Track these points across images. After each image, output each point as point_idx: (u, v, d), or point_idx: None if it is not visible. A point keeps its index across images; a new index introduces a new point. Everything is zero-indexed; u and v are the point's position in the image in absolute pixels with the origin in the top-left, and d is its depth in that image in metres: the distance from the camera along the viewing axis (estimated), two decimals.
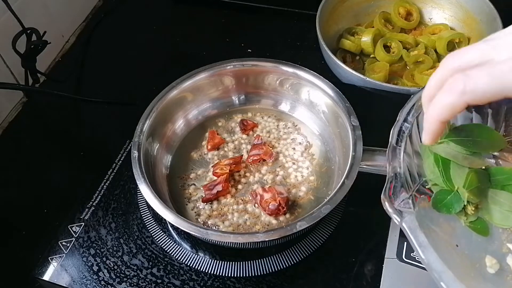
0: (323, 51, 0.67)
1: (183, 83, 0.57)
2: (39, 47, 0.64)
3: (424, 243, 0.34)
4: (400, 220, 0.36)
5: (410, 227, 0.35)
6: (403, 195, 0.37)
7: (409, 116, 0.42)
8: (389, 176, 0.38)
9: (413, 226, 0.35)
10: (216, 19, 0.81)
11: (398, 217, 0.36)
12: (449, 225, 0.40)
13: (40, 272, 0.50)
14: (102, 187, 0.56)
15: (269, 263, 0.49)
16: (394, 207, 0.36)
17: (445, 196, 0.39)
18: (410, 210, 0.36)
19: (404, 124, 0.41)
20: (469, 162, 0.40)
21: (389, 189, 0.37)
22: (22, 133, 0.68)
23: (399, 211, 0.36)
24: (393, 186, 0.37)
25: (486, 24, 0.69)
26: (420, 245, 0.34)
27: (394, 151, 0.40)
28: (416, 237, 0.34)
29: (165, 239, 0.52)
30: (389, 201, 0.36)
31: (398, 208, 0.36)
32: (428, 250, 0.34)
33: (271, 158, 0.56)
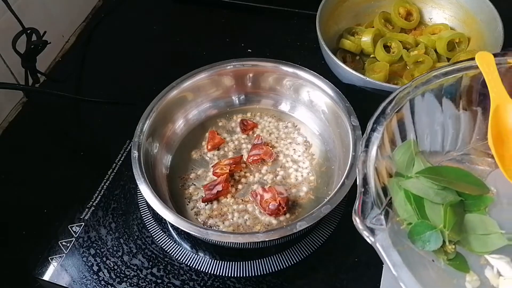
0: (323, 51, 0.67)
1: (183, 83, 0.57)
2: (39, 47, 0.64)
3: (397, 262, 0.33)
4: (373, 240, 0.34)
5: (383, 246, 0.33)
6: (374, 211, 0.35)
7: (378, 125, 0.40)
8: (358, 192, 0.36)
9: (386, 245, 0.33)
10: (216, 19, 0.81)
11: (370, 236, 0.34)
12: None
13: (40, 272, 0.50)
14: (102, 187, 0.56)
15: (269, 263, 0.49)
16: (365, 225, 0.34)
17: (424, 230, 0.37)
18: (382, 227, 0.34)
19: (373, 134, 0.39)
20: (442, 198, 0.38)
21: (359, 205, 0.35)
22: (22, 133, 0.68)
23: (370, 229, 0.34)
24: (363, 202, 0.35)
25: (486, 24, 0.69)
26: (394, 265, 0.33)
27: (362, 163, 0.38)
28: (389, 256, 0.33)
29: (165, 239, 0.52)
30: (360, 218, 0.35)
31: (370, 226, 0.34)
32: (402, 269, 0.32)
33: (271, 158, 0.56)
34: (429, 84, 0.42)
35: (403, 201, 0.37)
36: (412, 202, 0.37)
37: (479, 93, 0.43)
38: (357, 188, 0.36)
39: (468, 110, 0.44)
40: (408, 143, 0.41)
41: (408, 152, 0.40)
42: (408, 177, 0.38)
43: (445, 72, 0.43)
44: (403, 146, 0.41)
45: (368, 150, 0.38)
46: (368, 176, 0.37)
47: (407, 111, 0.42)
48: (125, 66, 0.75)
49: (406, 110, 0.42)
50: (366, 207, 0.35)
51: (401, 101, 0.41)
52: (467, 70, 0.43)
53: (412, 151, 0.41)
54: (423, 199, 0.37)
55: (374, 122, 0.40)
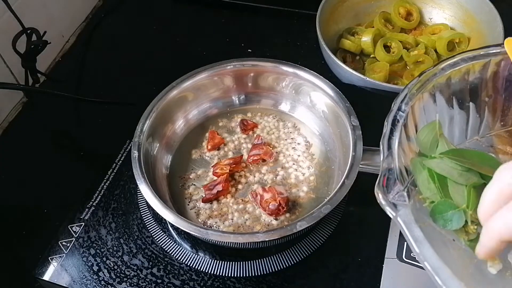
0: (323, 51, 0.67)
1: (183, 83, 0.57)
2: (39, 47, 0.64)
3: (419, 237, 0.32)
4: (394, 214, 0.34)
5: (405, 221, 0.33)
6: (397, 187, 0.35)
7: (403, 104, 0.39)
8: (382, 168, 0.36)
9: (408, 220, 0.33)
10: (216, 19, 0.81)
11: (392, 211, 0.34)
12: None
13: (40, 272, 0.50)
14: (102, 187, 0.56)
15: (269, 263, 0.49)
16: (388, 200, 0.34)
17: (446, 209, 0.36)
18: (405, 203, 0.34)
19: (398, 113, 0.39)
20: (465, 179, 0.37)
21: (383, 181, 0.35)
22: (22, 133, 0.68)
23: (393, 204, 0.34)
24: (386, 178, 0.35)
25: (486, 24, 0.69)
26: (416, 240, 0.32)
27: (389, 142, 0.38)
28: (412, 231, 0.32)
29: (165, 239, 0.52)
30: (383, 193, 0.34)
31: (392, 201, 0.34)
32: (424, 245, 0.32)
33: (271, 158, 0.56)
34: (456, 67, 0.42)
35: (426, 179, 0.37)
36: (436, 181, 0.37)
37: (506, 80, 0.43)
38: (381, 164, 0.36)
39: (492, 97, 0.43)
40: (432, 124, 0.40)
41: (433, 133, 0.40)
42: (432, 157, 0.38)
43: (473, 56, 0.42)
44: (428, 127, 0.41)
45: (394, 128, 0.38)
46: (393, 153, 0.37)
47: (431, 93, 0.41)
48: (125, 66, 0.75)
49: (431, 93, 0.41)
50: (389, 183, 0.35)
51: (427, 83, 0.41)
52: (495, 56, 0.42)
53: (436, 132, 0.40)
54: (446, 178, 0.37)
55: (401, 101, 0.39)
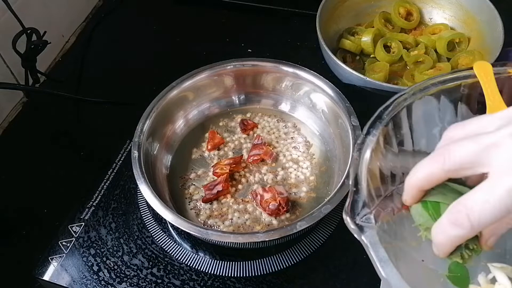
0: (323, 51, 0.67)
1: (183, 83, 0.57)
2: (39, 47, 0.64)
3: (384, 258, 0.34)
4: (361, 236, 0.35)
5: (370, 242, 0.35)
6: (364, 210, 0.36)
7: (373, 129, 0.41)
8: (350, 192, 0.37)
9: (373, 241, 0.35)
10: (216, 19, 0.81)
11: (358, 233, 0.35)
12: (414, 240, 0.39)
13: (40, 272, 0.50)
14: (102, 187, 0.56)
15: (269, 263, 0.49)
16: (354, 222, 0.36)
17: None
18: (371, 225, 0.35)
19: (367, 138, 0.40)
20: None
21: (350, 203, 0.37)
22: (22, 133, 0.68)
23: (360, 226, 0.35)
24: (354, 201, 0.37)
25: (486, 24, 0.69)
26: (380, 260, 0.34)
27: (356, 165, 0.39)
28: (376, 252, 0.34)
29: (165, 239, 0.52)
30: (350, 216, 0.36)
31: (359, 223, 0.36)
32: (388, 265, 0.33)
33: (271, 158, 0.56)
34: (427, 91, 0.43)
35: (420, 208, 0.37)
36: (429, 208, 0.37)
37: (478, 101, 0.44)
38: (349, 187, 0.37)
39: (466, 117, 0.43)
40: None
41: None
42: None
43: (443, 80, 0.43)
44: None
45: (362, 152, 0.39)
46: (360, 177, 0.38)
47: (404, 116, 0.43)
48: (125, 66, 0.75)
49: (403, 115, 0.43)
50: (357, 205, 0.36)
51: (398, 106, 0.43)
52: (466, 79, 0.43)
53: None
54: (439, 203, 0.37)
55: (369, 126, 0.41)
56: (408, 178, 0.34)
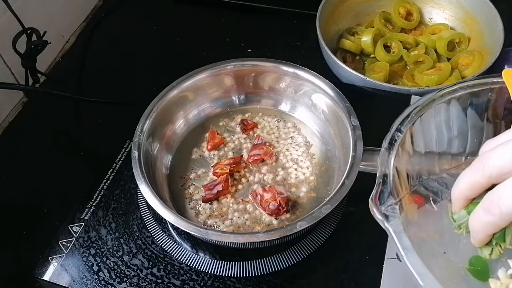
0: (323, 51, 0.67)
1: (183, 83, 0.57)
2: (39, 47, 0.64)
3: (407, 246, 0.35)
4: (386, 225, 0.37)
5: (395, 231, 0.36)
6: (390, 200, 0.38)
7: (402, 126, 0.43)
8: (377, 182, 0.39)
9: (397, 230, 0.36)
10: (216, 19, 0.81)
11: (384, 221, 0.37)
12: (438, 232, 0.41)
13: (40, 272, 0.50)
14: (102, 187, 0.56)
15: (269, 263, 0.49)
16: (380, 212, 0.37)
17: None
18: (396, 214, 0.37)
19: (396, 134, 0.43)
20: None
21: (377, 193, 0.38)
22: (22, 133, 0.68)
23: (385, 215, 0.37)
24: (380, 191, 0.38)
25: (486, 24, 0.69)
26: (404, 248, 0.35)
27: (384, 157, 0.41)
28: (401, 240, 0.35)
29: (165, 239, 0.52)
30: (376, 205, 0.38)
31: (384, 212, 0.37)
32: (411, 253, 0.35)
33: (271, 158, 0.56)
34: (454, 94, 0.45)
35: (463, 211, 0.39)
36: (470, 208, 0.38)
37: (504, 108, 0.45)
38: (377, 178, 0.39)
39: (492, 122, 0.46)
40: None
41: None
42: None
43: (472, 85, 0.45)
44: None
45: (392, 147, 0.42)
46: (388, 169, 0.40)
47: (430, 116, 0.45)
48: (125, 66, 0.75)
49: (430, 116, 0.45)
50: (383, 195, 0.38)
51: (426, 107, 0.44)
52: (494, 85, 0.45)
53: None
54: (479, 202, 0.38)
55: (399, 123, 0.43)
56: (453, 190, 0.36)
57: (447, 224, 0.40)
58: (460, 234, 0.38)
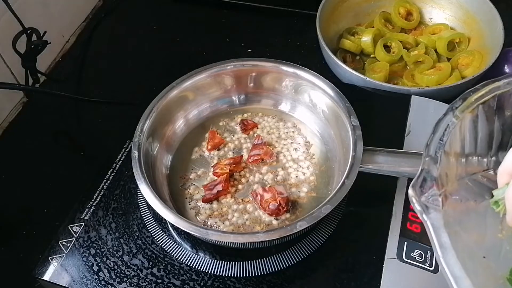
0: (323, 51, 0.67)
1: (183, 83, 0.57)
2: (39, 47, 0.64)
3: (446, 244, 0.31)
4: (425, 217, 0.33)
5: (433, 224, 0.32)
6: (433, 190, 0.34)
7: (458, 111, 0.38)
8: (422, 168, 0.35)
9: (437, 224, 0.32)
10: (216, 19, 0.81)
11: (423, 213, 0.33)
12: (479, 234, 0.37)
13: (40, 272, 0.50)
14: (102, 187, 0.56)
15: (269, 263, 0.49)
16: (420, 201, 0.33)
17: None
18: (437, 207, 0.33)
19: (452, 120, 0.38)
20: None
21: (419, 180, 0.34)
22: (22, 133, 0.68)
23: (425, 205, 0.33)
24: (423, 179, 0.34)
25: (486, 24, 0.69)
26: (441, 246, 0.31)
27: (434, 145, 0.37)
28: (439, 236, 0.32)
29: (165, 239, 0.52)
30: (416, 194, 0.34)
31: (424, 203, 0.33)
32: (449, 252, 0.31)
33: (271, 158, 0.56)
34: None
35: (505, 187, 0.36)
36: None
37: None
38: (421, 164, 0.36)
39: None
40: None
41: None
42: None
43: None
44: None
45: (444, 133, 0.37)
46: (437, 157, 0.36)
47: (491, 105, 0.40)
48: (125, 66, 0.75)
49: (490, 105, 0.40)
50: (426, 184, 0.34)
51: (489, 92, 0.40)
52: None
53: None
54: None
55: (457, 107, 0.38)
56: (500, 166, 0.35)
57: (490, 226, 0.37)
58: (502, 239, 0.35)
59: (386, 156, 0.49)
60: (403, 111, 0.59)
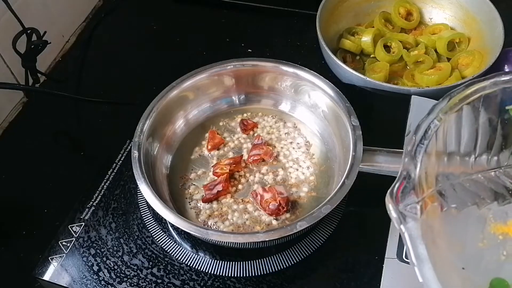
0: (323, 51, 0.67)
1: (183, 83, 0.57)
2: (39, 47, 0.64)
3: (422, 255, 0.30)
4: (402, 227, 0.31)
5: (410, 235, 0.31)
6: (411, 198, 0.32)
7: (440, 113, 0.36)
8: (400, 174, 0.34)
9: (414, 235, 0.31)
10: (216, 19, 0.81)
11: (400, 221, 0.32)
12: (459, 243, 0.36)
13: (40, 272, 0.50)
14: (102, 187, 0.56)
15: (269, 263, 0.49)
16: (397, 209, 0.32)
17: None
18: (415, 216, 0.32)
19: (433, 122, 0.36)
20: None
21: (398, 188, 0.33)
22: (22, 133, 0.68)
23: (402, 214, 0.32)
24: (403, 186, 0.33)
25: (486, 24, 0.69)
26: (418, 257, 0.30)
27: (413, 148, 0.35)
28: (415, 247, 0.30)
29: (165, 239, 0.52)
30: (393, 201, 0.32)
31: (402, 211, 0.32)
32: (426, 264, 0.30)
33: (271, 158, 0.56)
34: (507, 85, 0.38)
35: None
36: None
37: None
38: (400, 169, 0.34)
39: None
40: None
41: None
42: None
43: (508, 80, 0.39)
44: None
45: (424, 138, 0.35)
46: (417, 161, 0.34)
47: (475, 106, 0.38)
48: (125, 66, 0.75)
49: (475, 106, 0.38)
50: (404, 191, 0.33)
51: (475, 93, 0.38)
52: None
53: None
54: None
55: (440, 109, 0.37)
56: None
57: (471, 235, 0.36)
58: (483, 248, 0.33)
59: (386, 156, 0.49)
60: (403, 111, 0.59)
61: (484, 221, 0.37)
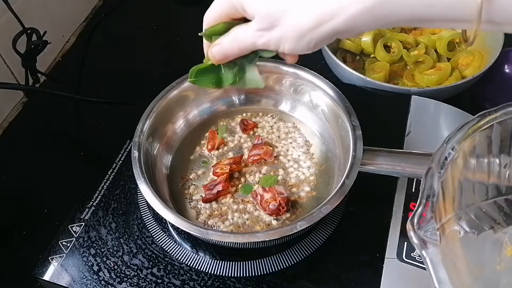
0: (323, 51, 0.67)
1: (183, 83, 0.57)
2: (39, 47, 0.64)
3: (443, 280, 0.31)
4: (424, 252, 0.33)
5: (431, 260, 0.32)
6: (431, 224, 0.34)
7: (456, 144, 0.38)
8: (420, 201, 0.35)
9: (435, 260, 0.32)
10: None
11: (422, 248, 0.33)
12: (477, 267, 0.37)
13: (40, 272, 0.50)
14: (102, 187, 0.56)
15: (269, 263, 0.49)
16: (419, 236, 0.33)
17: None
18: (435, 242, 0.33)
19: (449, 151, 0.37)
20: None
21: (418, 215, 0.34)
22: (22, 133, 0.68)
23: (423, 240, 0.33)
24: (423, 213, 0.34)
25: None
26: (440, 282, 0.32)
27: (432, 177, 0.36)
28: (437, 271, 0.32)
29: (165, 239, 0.52)
30: (414, 229, 0.34)
31: (422, 238, 0.33)
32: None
33: (271, 158, 0.56)
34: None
35: None
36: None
37: None
38: (419, 199, 0.35)
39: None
40: None
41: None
42: None
43: None
44: None
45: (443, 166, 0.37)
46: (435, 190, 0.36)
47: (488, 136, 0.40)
48: (125, 66, 0.75)
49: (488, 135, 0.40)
50: (424, 218, 0.34)
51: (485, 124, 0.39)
52: None
53: None
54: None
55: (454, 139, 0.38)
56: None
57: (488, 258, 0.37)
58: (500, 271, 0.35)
59: (386, 156, 0.49)
60: (403, 111, 0.59)
61: (501, 245, 0.38)
